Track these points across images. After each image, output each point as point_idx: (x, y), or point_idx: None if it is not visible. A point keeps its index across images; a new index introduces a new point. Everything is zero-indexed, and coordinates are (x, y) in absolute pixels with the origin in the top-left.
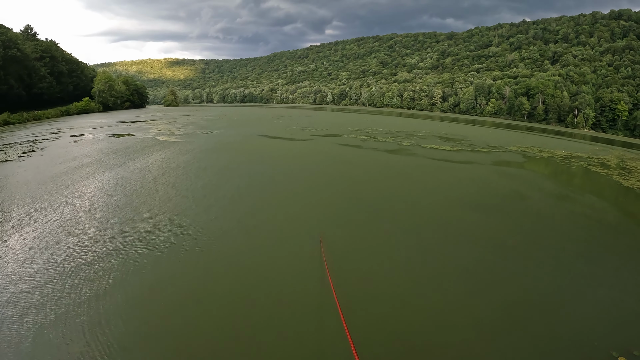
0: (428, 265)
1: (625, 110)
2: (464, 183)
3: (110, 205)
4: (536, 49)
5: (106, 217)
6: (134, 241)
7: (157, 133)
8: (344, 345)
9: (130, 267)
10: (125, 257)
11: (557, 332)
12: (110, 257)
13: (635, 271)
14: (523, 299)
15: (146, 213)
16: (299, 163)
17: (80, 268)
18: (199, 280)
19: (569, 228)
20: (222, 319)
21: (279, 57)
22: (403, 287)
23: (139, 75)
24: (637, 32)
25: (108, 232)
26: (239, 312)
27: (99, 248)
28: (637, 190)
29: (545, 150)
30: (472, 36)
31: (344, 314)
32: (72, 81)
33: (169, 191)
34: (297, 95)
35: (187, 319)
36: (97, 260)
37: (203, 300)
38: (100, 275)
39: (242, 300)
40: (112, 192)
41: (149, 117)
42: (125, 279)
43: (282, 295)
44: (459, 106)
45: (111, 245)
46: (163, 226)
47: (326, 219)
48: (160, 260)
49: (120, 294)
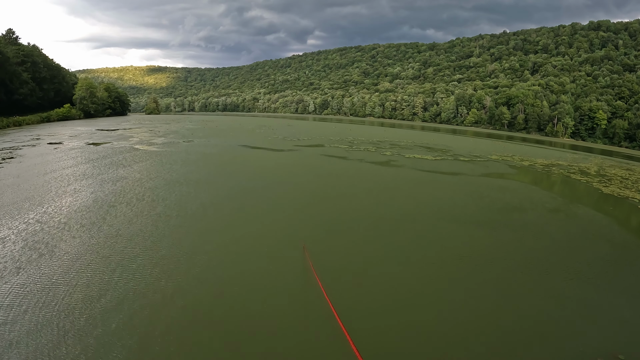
0: (421, 277)
1: (604, 118)
2: (452, 194)
3: (83, 221)
4: (516, 59)
5: (80, 236)
6: (111, 256)
7: (137, 142)
8: (347, 350)
9: (111, 284)
10: (105, 274)
11: (543, 337)
12: (87, 277)
13: (622, 275)
14: (516, 311)
15: (122, 228)
16: (281, 174)
17: (54, 289)
18: (181, 295)
19: (562, 240)
20: (210, 333)
21: (262, 66)
22: (399, 303)
23: (121, 82)
24: (615, 42)
25: (84, 251)
26: (227, 325)
27: (73, 270)
28: (617, 196)
29: (526, 159)
30: (453, 47)
31: (342, 320)
32: (54, 87)
33: (144, 206)
34: (279, 105)
35: (172, 335)
36: (73, 284)
37: (188, 315)
38: (81, 299)
39: (228, 313)
40: (84, 207)
41: (129, 125)
42: (109, 293)
43: (268, 305)
44: (440, 116)
45: (88, 266)
46: (140, 241)
47: (310, 231)
48: (138, 278)
49: (99, 310)
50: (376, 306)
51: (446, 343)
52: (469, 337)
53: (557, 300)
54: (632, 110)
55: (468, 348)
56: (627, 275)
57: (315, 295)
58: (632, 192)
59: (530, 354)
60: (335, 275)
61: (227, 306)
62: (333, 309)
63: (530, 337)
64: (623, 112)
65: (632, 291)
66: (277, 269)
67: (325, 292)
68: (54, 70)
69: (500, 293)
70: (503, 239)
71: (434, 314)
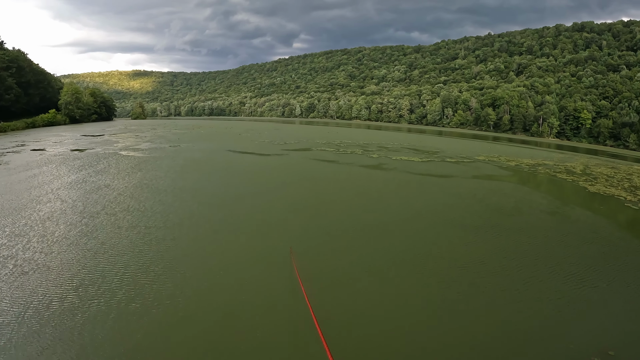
0: (410, 280)
1: (589, 118)
2: (443, 197)
3: (65, 232)
4: (501, 61)
5: (61, 248)
6: (95, 268)
7: (122, 148)
8: (321, 352)
9: (97, 295)
10: (89, 286)
11: (533, 334)
12: (71, 288)
13: (610, 272)
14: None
15: (106, 240)
16: (269, 179)
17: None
18: (165, 301)
19: (552, 239)
20: (190, 340)
21: (248, 70)
22: (384, 309)
23: (106, 87)
24: (599, 43)
25: (66, 263)
26: (208, 332)
27: (54, 283)
28: (603, 194)
29: (513, 159)
30: (438, 49)
31: (322, 328)
32: (39, 92)
33: (129, 215)
34: (265, 109)
35: (157, 343)
36: (53, 296)
37: (172, 322)
38: (64, 310)
39: (210, 319)
40: (66, 218)
41: (115, 130)
42: (94, 304)
43: (250, 312)
44: (426, 118)
45: (71, 277)
46: (125, 251)
47: (298, 236)
48: (124, 285)
49: (81, 321)
50: (359, 314)
51: (434, 349)
52: (460, 341)
53: (549, 299)
54: (616, 109)
55: (459, 352)
56: (615, 272)
57: (297, 301)
58: (617, 190)
59: (523, 354)
60: (321, 280)
61: (209, 312)
62: (314, 315)
63: (523, 338)
64: (607, 111)
65: (620, 287)
66: (263, 275)
67: (308, 297)
68: (39, 76)
69: (491, 296)
70: (492, 240)
71: (422, 319)
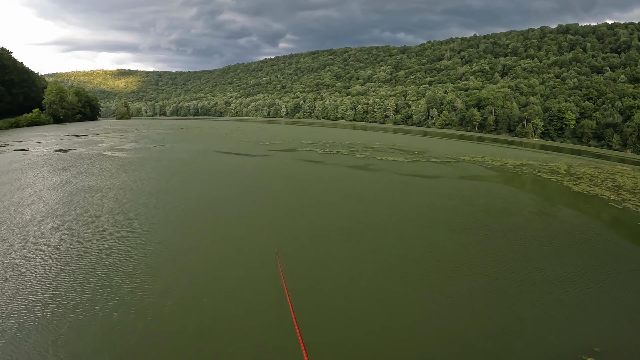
0: (395, 282)
1: (573, 119)
2: (431, 198)
3: (48, 237)
4: (486, 62)
5: (44, 253)
6: (77, 273)
7: (107, 148)
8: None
9: (81, 301)
10: (71, 292)
11: (521, 334)
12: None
13: (596, 271)
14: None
15: (91, 245)
16: (255, 181)
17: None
18: (147, 310)
19: (539, 240)
20: (179, 345)
21: (234, 70)
22: (367, 312)
23: (91, 86)
24: (583, 45)
25: (49, 269)
26: (197, 336)
27: (36, 289)
28: (587, 194)
29: (498, 159)
30: (424, 50)
31: (299, 324)
32: (23, 92)
33: (113, 218)
34: (251, 109)
35: (142, 351)
36: (36, 303)
37: (157, 330)
38: (46, 318)
39: (198, 322)
40: (49, 222)
41: (100, 130)
42: (78, 310)
43: (238, 310)
44: (411, 118)
45: (52, 283)
46: (111, 255)
47: (285, 238)
48: (108, 293)
49: (66, 329)
50: (342, 316)
51: (421, 351)
52: (448, 343)
53: (535, 300)
54: (600, 110)
55: (447, 354)
56: (601, 271)
57: (280, 303)
58: (601, 189)
59: (511, 354)
60: (306, 281)
61: (194, 319)
62: (294, 317)
63: (511, 338)
64: (591, 112)
65: (605, 285)
66: (249, 277)
67: (290, 298)
68: (23, 74)
69: (477, 297)
70: (478, 241)
71: (408, 321)
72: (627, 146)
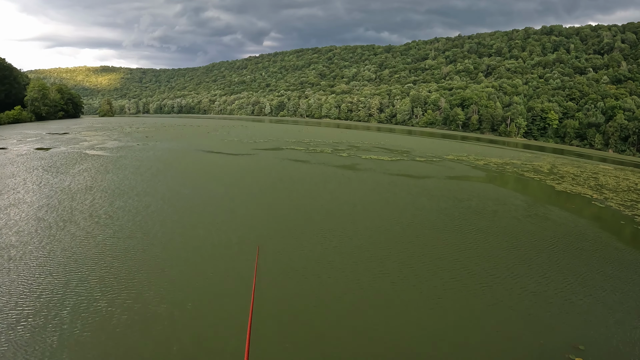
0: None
1: (556, 118)
2: (415, 197)
3: (26, 242)
4: (471, 62)
5: (23, 260)
6: (56, 272)
7: (89, 147)
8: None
9: (63, 303)
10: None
11: (507, 331)
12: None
13: (580, 268)
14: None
15: (76, 249)
16: (239, 181)
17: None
18: (128, 305)
19: (525, 238)
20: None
21: (218, 68)
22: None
23: (73, 83)
24: (567, 46)
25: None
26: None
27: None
28: (569, 192)
29: (481, 158)
30: (409, 49)
31: (253, 318)
32: (5, 88)
33: (94, 220)
34: (235, 107)
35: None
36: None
37: (131, 323)
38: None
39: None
40: (27, 226)
41: (82, 128)
42: (63, 313)
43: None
44: (395, 117)
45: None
46: (83, 252)
47: (267, 238)
48: (82, 292)
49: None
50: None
51: (403, 351)
52: (433, 340)
53: (522, 298)
54: (582, 110)
55: (429, 351)
56: (586, 270)
57: (244, 300)
58: (584, 188)
59: (499, 352)
60: (280, 278)
61: (171, 312)
62: (251, 311)
63: (500, 336)
64: (574, 112)
65: (589, 283)
66: (226, 276)
67: (254, 294)
68: (5, 71)
69: (463, 295)
70: (466, 240)
71: (396, 324)
72: (609, 146)
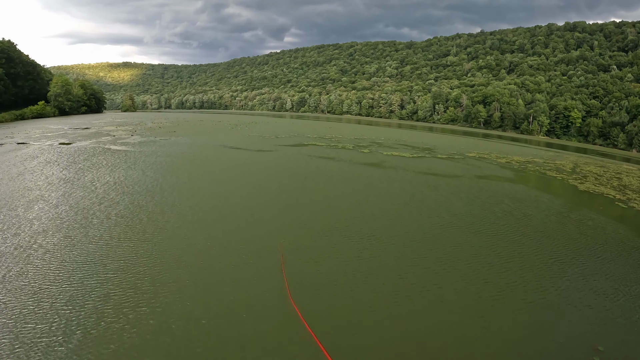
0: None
1: (579, 117)
2: (439, 196)
3: (52, 239)
4: (493, 58)
5: (48, 257)
6: (79, 279)
7: (112, 141)
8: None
9: (86, 308)
10: (74, 299)
11: (525, 332)
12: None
13: (603, 269)
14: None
15: (97, 248)
16: (261, 177)
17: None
18: (152, 309)
19: (550, 237)
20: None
21: (239, 63)
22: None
23: (96, 78)
24: (590, 43)
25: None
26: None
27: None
28: (592, 192)
29: (503, 156)
30: (430, 45)
31: (308, 322)
32: (28, 84)
33: (118, 218)
34: (256, 102)
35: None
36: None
37: (157, 331)
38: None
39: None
40: (51, 223)
41: (104, 122)
42: (85, 309)
43: (241, 312)
44: (416, 114)
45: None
46: (105, 254)
47: (289, 235)
48: (102, 293)
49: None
50: (350, 315)
51: (429, 347)
52: (456, 341)
53: (543, 298)
54: (606, 109)
55: (456, 350)
56: (607, 268)
57: (284, 303)
58: (607, 188)
59: (517, 350)
60: (309, 280)
61: (197, 321)
62: (301, 315)
63: (517, 335)
64: (597, 110)
65: (616, 285)
66: (252, 277)
67: (294, 298)
68: (29, 67)
69: (488, 294)
70: (489, 238)
71: (414, 318)
72: (633, 146)
